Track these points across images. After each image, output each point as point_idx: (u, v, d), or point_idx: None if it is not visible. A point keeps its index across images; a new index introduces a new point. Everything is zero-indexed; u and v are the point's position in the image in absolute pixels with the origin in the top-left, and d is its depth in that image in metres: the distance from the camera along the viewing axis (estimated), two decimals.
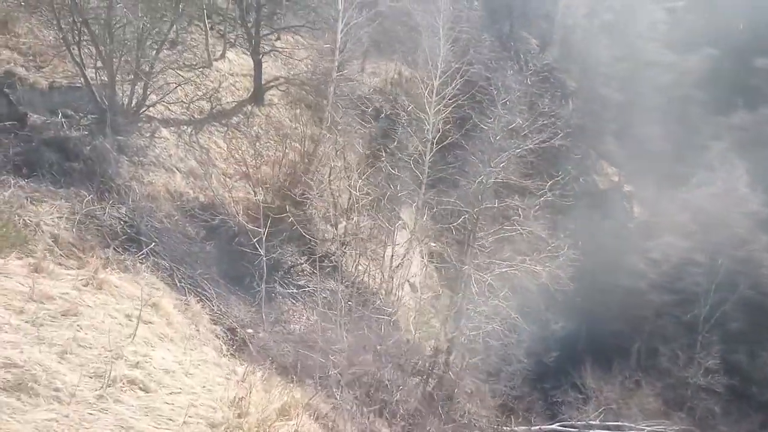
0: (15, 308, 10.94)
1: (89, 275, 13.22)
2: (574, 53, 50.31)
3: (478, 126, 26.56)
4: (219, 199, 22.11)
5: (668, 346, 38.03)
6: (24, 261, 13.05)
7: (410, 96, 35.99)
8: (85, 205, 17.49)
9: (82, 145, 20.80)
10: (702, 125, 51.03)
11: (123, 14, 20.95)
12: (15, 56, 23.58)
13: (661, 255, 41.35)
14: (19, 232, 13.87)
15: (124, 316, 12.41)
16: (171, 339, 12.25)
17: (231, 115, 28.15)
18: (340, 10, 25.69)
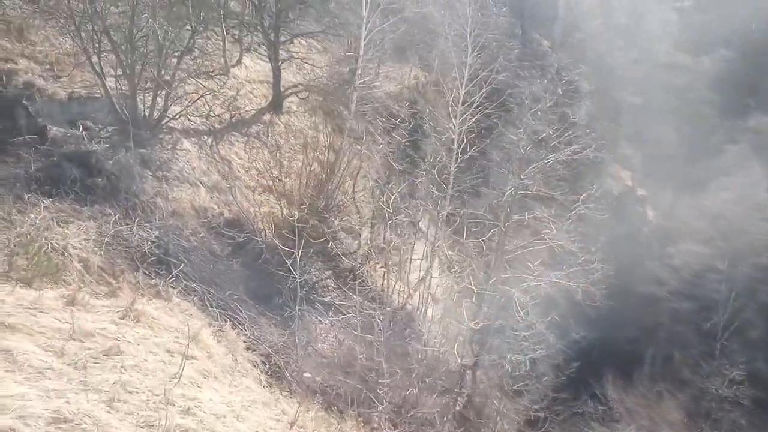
0: (55, 349, 10.33)
1: (126, 306, 12.58)
2: (587, 55, 49.64)
3: (504, 135, 25.99)
4: (244, 214, 21.43)
5: (686, 353, 37.55)
6: (57, 292, 12.42)
7: (429, 101, 35.48)
8: (112, 225, 16.78)
9: (104, 160, 20.13)
10: (716, 128, 50.50)
11: (146, 23, 20.22)
12: (32, 65, 22.90)
13: (679, 261, 40.84)
14: (50, 260, 13.24)
15: (165, 351, 11.81)
16: (215, 376, 11.64)
17: (250, 124, 27.49)
18: (364, 16, 24.98)
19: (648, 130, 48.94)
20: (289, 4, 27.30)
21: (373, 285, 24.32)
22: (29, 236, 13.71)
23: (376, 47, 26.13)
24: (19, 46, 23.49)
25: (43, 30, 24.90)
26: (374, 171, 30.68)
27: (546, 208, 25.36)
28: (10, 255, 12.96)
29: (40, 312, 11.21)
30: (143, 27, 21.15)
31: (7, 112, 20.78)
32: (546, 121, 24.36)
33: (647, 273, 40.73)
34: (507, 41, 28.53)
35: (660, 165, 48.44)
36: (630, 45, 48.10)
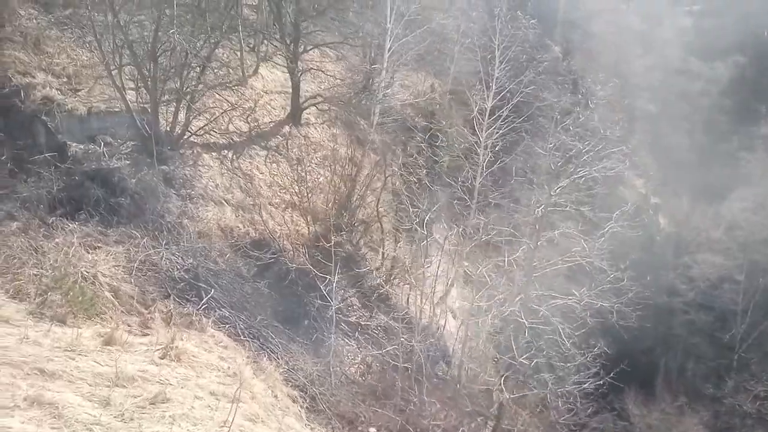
0: (100, 399, 9.73)
1: (165, 343, 11.97)
2: (601, 61, 49.06)
3: (531, 148, 25.43)
4: (269, 233, 20.83)
5: (704, 366, 37.11)
6: (93, 329, 11.82)
7: (445, 111, 34.86)
8: (140, 250, 16.17)
9: (127, 178, 19.53)
10: (730, 135, 50.06)
11: (170, 36, 19.59)
12: (50, 79, 22.24)
13: (696, 272, 40.32)
14: (83, 293, 12.62)
15: (210, 394, 11.22)
16: (262, 420, 11.05)
17: (270, 136, 26.86)
18: (389, 28, 24.36)
19: (662, 138, 48.41)
20: (309, 15, 26.57)
21: (398, 303, 23.68)
22: (62, 270, 13.01)
23: (398, 58, 25.47)
24: (36, 58, 22.83)
25: (59, 41, 24.24)
26: (393, 183, 30.06)
27: (572, 223, 24.72)
28: (44, 291, 12.34)
29: (78, 355, 10.61)
30: (166, 40, 20.49)
31: (26, 128, 20.20)
32: (576, 135, 23.75)
33: (663, 283, 40.19)
34: (536, 54, 27.92)
35: (674, 173, 47.93)
36: (646, 51, 47.53)
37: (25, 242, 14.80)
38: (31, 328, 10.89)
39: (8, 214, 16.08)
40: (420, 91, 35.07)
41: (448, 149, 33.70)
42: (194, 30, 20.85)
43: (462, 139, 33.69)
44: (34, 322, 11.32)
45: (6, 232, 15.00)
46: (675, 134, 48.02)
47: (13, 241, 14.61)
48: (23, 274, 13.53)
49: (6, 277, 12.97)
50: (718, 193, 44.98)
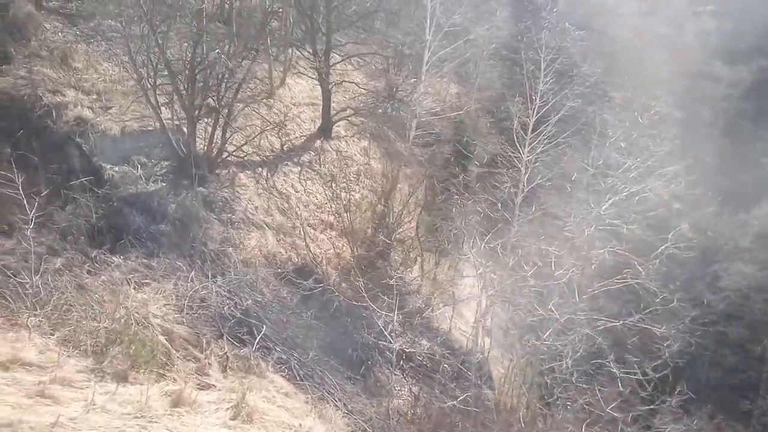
0: None
1: (235, 401, 11.12)
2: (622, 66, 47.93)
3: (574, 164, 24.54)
4: (312, 258, 19.97)
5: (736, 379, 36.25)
6: (158, 388, 10.95)
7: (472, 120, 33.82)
8: (189, 285, 15.30)
9: (166, 203, 18.65)
10: (753, 140, 49.12)
11: (210, 54, 18.68)
12: (80, 96, 21.38)
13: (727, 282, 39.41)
14: (144, 344, 11.74)
15: None
16: None
17: (301, 151, 25.97)
18: (427, 40, 23.43)
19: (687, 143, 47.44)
20: (341, 26, 25.63)
21: (440, 327, 22.84)
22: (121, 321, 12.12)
23: (437, 71, 24.58)
24: (64, 74, 21.97)
25: (86, 55, 23.36)
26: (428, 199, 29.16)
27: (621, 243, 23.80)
28: (104, 344, 11.46)
29: (149, 422, 9.75)
30: (204, 57, 19.59)
31: (60, 150, 19.34)
32: (624, 150, 22.90)
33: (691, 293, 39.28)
34: (584, 67, 27.03)
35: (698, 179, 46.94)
36: (670, 56, 46.54)
37: (71, 281, 13.91)
38: (94, 390, 9.99)
39: (50, 249, 15.19)
40: (444, 99, 34.08)
41: (477, 159, 32.81)
42: (232, 46, 19.89)
43: (492, 150, 32.86)
44: (96, 382, 10.42)
45: (50, 269, 14.07)
46: (699, 140, 47.04)
47: (58, 280, 13.69)
48: (72, 318, 12.64)
49: (57, 324, 12.06)
50: (744, 200, 44.03)
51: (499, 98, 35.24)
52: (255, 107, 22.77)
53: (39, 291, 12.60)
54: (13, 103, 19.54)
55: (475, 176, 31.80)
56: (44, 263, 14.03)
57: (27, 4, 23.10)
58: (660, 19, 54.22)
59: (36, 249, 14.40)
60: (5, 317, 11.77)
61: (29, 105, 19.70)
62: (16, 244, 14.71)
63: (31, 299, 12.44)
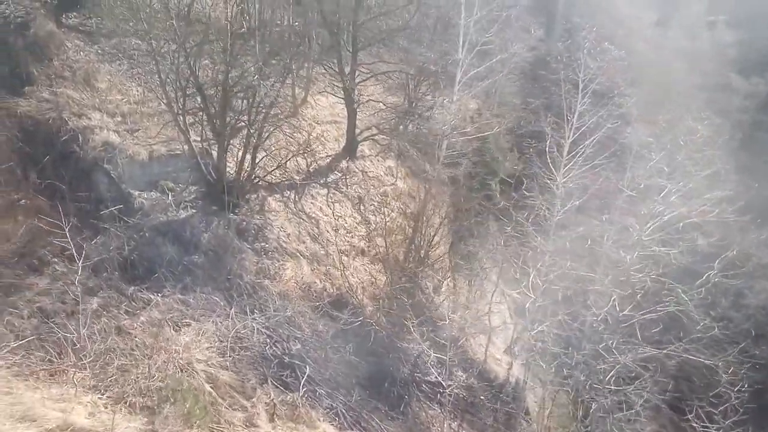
0: None
1: None
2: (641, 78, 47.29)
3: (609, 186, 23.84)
4: (347, 288, 19.23)
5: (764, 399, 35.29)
6: None
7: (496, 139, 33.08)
8: (229, 323, 14.53)
9: (198, 233, 17.91)
10: None
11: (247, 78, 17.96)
12: (105, 119, 20.63)
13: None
14: (197, 400, 10.97)
15: None
16: None
17: (327, 172, 25.21)
18: (460, 59, 22.72)
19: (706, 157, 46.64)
20: (365, 44, 24.95)
21: (474, 356, 22.09)
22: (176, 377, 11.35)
23: (469, 90, 23.87)
24: (88, 96, 21.21)
25: (109, 75, 22.64)
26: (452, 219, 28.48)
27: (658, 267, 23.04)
28: (156, 402, 10.69)
29: None
30: (237, 81, 18.89)
31: (87, 177, 18.59)
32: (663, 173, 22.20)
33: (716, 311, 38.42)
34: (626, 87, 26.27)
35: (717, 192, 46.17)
36: (690, 69, 45.88)
37: (110, 322, 13.12)
38: None
39: (85, 288, 14.40)
40: (465, 116, 33.30)
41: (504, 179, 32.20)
42: (264, 69, 19.18)
43: (515, 168, 32.20)
44: None
45: (87, 311, 13.28)
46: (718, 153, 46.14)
47: (97, 323, 12.93)
48: (114, 366, 11.87)
49: (101, 376, 11.28)
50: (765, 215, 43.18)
51: (520, 115, 34.57)
52: (284, 129, 21.95)
53: (79, 338, 11.80)
54: (38, 127, 18.80)
55: (503, 196, 31.15)
56: (81, 303, 13.22)
57: (48, 22, 22.35)
58: (676, 31, 53.69)
59: (70, 288, 13.67)
60: (45, 369, 10.97)
61: (54, 129, 18.95)
62: (50, 282, 13.96)
63: (71, 346, 11.66)
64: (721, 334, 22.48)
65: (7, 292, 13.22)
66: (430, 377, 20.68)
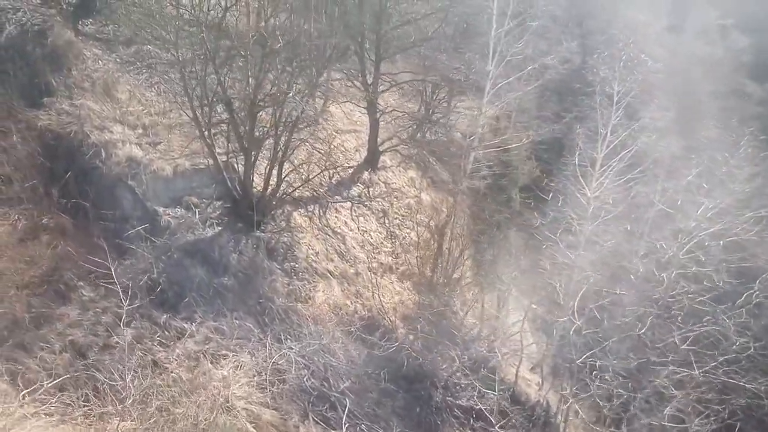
0: None
1: None
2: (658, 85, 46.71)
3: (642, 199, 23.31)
4: (378, 309, 18.60)
5: None
6: None
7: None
8: (266, 355, 13.89)
9: (227, 253, 17.24)
10: None
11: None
12: (126, 132, 19.92)
13: None
14: None
15: None
16: None
17: (350, 184, 24.56)
18: (490, 71, 22.07)
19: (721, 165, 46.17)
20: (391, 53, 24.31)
21: (506, 377, 21.47)
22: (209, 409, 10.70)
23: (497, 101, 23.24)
24: (109, 107, 20.49)
25: (128, 85, 21.92)
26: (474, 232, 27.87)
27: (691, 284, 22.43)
28: None
29: None
30: (266, 95, 18.23)
31: (111, 194, 17.86)
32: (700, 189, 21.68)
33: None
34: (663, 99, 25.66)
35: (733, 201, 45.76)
36: (705, 75, 45.34)
37: (145, 357, 12.49)
38: None
39: (117, 317, 13.68)
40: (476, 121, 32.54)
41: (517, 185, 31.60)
42: (292, 82, 18.55)
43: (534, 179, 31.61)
44: None
45: (122, 344, 12.60)
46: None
47: (132, 358, 12.24)
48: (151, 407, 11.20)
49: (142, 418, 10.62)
50: None
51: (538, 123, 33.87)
52: (311, 142, 21.30)
53: (115, 375, 11.13)
54: (60, 141, 18.08)
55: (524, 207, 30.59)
56: (114, 335, 12.54)
57: (66, 30, 21.63)
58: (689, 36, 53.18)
59: (101, 318, 13.01)
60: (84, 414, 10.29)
61: (76, 143, 18.20)
62: (81, 312, 13.24)
63: (108, 383, 10.97)
64: (758, 355, 21.90)
65: (37, 324, 12.51)
66: (462, 401, 20.07)
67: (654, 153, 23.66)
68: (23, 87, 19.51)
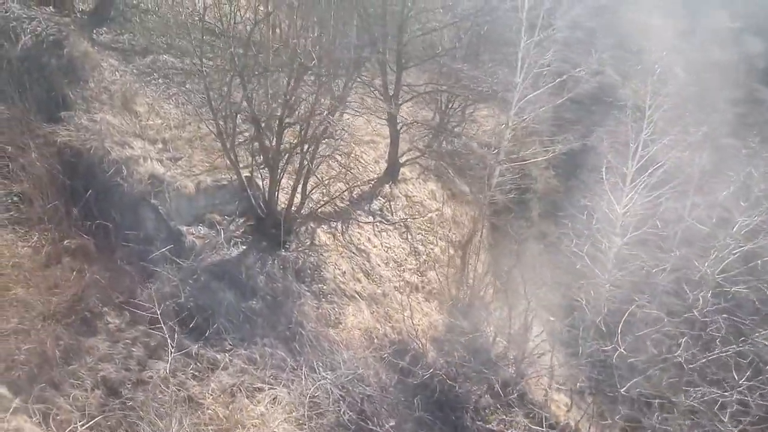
0: None
1: None
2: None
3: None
4: (408, 332, 18.01)
5: None
6: None
7: None
8: (302, 388, 13.29)
9: (254, 275, 16.62)
10: None
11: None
12: (147, 147, 19.28)
13: None
14: None
15: None
16: None
17: (370, 198, 23.98)
18: (518, 83, 21.49)
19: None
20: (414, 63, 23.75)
21: (533, 397, 20.89)
22: None
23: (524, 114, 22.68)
24: (128, 121, 19.87)
25: (145, 97, 21.30)
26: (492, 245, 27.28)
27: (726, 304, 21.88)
28: None
29: None
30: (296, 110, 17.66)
31: (134, 213, 17.21)
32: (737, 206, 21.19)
33: None
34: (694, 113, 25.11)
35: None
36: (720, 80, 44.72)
37: (179, 393, 11.85)
38: None
39: (146, 347, 13.06)
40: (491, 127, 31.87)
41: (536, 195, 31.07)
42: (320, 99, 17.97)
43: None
44: None
45: (155, 380, 11.97)
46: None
47: (166, 395, 11.61)
48: None
49: None
50: None
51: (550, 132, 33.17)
52: (336, 157, 20.72)
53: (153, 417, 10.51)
54: (79, 158, 17.40)
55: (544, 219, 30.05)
56: (146, 368, 11.92)
57: (82, 40, 20.98)
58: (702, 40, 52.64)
59: (132, 350, 12.40)
60: None
61: (96, 160, 17.54)
62: (110, 345, 12.58)
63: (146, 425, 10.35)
64: None
65: (66, 358, 11.87)
66: (492, 425, 19.54)
67: (685, 167, 23.09)
68: (40, 100, 18.82)
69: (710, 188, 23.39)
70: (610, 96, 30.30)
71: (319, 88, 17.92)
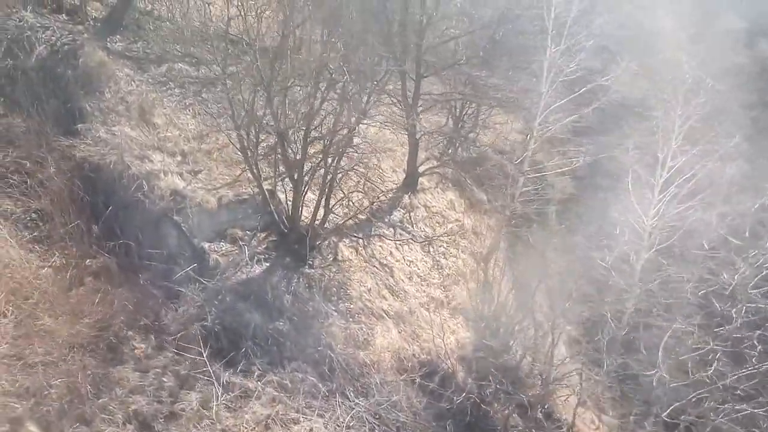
0: None
1: None
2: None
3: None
4: (436, 352, 17.49)
5: None
6: None
7: None
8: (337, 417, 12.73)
9: (280, 294, 16.09)
10: None
11: None
12: (166, 160, 18.76)
13: None
14: None
15: None
16: None
17: (390, 210, 23.39)
18: (543, 92, 20.98)
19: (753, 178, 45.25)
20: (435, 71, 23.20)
21: (561, 416, 20.36)
22: None
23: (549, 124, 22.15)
24: (146, 133, 19.34)
25: (162, 107, 20.76)
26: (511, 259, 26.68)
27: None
28: None
29: None
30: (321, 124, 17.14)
31: (155, 230, 16.69)
32: None
33: None
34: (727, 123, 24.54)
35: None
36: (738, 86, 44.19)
37: (214, 426, 11.30)
38: None
39: (177, 377, 12.53)
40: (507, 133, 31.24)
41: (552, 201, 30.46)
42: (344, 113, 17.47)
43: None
44: None
45: (188, 413, 11.42)
46: None
47: (199, 426, 11.08)
48: None
49: None
50: None
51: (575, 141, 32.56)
52: (358, 169, 20.19)
53: None
54: (99, 173, 16.87)
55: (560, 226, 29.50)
56: (179, 401, 11.38)
57: (97, 50, 20.44)
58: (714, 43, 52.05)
59: (162, 380, 11.86)
60: None
61: (116, 175, 17.01)
62: (141, 376, 12.04)
63: None
64: None
65: (96, 390, 11.33)
66: None
67: (715, 178, 22.54)
68: (57, 113, 18.34)
69: (739, 199, 22.86)
70: (639, 106, 29.76)
71: (345, 101, 17.33)
